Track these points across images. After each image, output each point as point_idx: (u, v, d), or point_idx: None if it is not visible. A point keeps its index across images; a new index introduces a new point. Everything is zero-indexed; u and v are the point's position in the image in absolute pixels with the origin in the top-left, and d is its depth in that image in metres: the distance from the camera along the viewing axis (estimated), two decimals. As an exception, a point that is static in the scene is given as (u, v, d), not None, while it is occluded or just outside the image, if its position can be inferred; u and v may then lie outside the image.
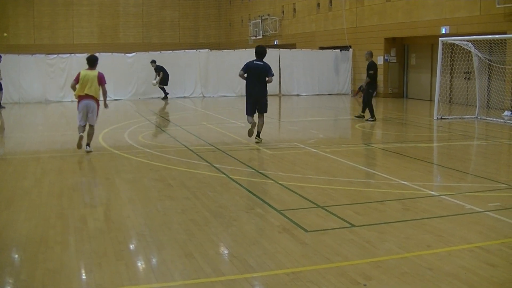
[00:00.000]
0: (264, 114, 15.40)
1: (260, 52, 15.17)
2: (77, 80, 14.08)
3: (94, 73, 14.24)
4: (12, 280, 6.18)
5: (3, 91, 26.97)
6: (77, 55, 31.33)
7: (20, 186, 10.78)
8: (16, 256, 7.00)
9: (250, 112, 15.10)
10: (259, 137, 15.24)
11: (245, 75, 15.15)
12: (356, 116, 21.02)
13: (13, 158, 13.95)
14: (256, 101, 15.05)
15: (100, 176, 11.56)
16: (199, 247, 7.01)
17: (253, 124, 14.96)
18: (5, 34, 41.61)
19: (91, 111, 14.01)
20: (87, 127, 14.11)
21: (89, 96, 13.97)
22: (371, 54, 21.04)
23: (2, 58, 27.10)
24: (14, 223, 8.33)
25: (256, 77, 14.94)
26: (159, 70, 30.22)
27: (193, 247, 6.99)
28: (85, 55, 30.87)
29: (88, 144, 14.07)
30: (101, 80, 14.26)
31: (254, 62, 15.06)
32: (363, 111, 20.72)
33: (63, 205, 9.24)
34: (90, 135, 14.19)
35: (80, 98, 14.05)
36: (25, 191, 10.27)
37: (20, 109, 27.26)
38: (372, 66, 20.41)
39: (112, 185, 10.69)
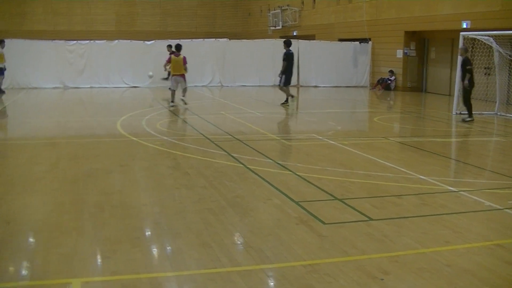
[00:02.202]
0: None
1: (291, 43, 22.25)
2: (169, 61, 22.16)
3: (180, 57, 21.05)
4: (28, 264, 6.19)
5: (4, 75, 26.99)
6: (97, 41, 31.41)
7: (35, 171, 10.80)
8: (32, 240, 7.02)
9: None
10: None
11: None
12: (465, 120, 18.99)
13: (29, 143, 13.98)
14: None
15: (116, 163, 11.54)
16: (215, 237, 6.98)
17: None
18: None
19: (181, 82, 21.19)
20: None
21: (179, 74, 20.98)
22: (466, 49, 19.64)
23: (5, 43, 27.16)
24: (30, 207, 8.36)
25: (293, 63, 21.77)
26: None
27: (209, 236, 6.97)
28: (104, 42, 31.21)
29: (184, 95, 21.52)
30: (184, 61, 21.01)
31: (291, 51, 21.33)
32: (470, 114, 18.96)
33: (78, 191, 9.25)
34: (185, 91, 21.58)
35: (174, 75, 21.14)
36: (41, 176, 10.29)
37: (37, 95, 27.35)
38: (468, 62, 19.15)
39: (129, 172, 10.70)
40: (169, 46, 29.69)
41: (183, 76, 21.12)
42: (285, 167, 11.03)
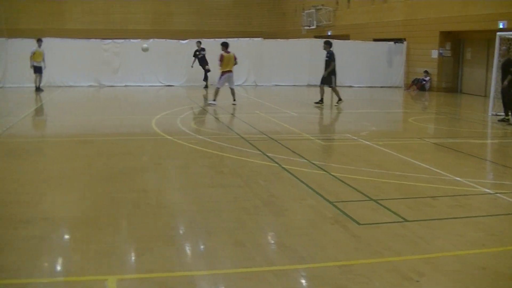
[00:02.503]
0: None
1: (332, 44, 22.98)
2: (221, 60, 21.67)
3: (231, 54, 21.90)
4: (65, 260, 6.28)
5: (42, 74, 27.34)
6: (132, 40, 31.62)
7: (72, 168, 10.94)
8: (69, 237, 7.11)
9: None
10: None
11: None
12: (501, 120, 18.65)
13: (65, 141, 14.18)
14: None
15: (152, 161, 11.65)
16: (250, 236, 7.02)
17: None
18: None
19: (230, 79, 21.97)
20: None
21: (230, 71, 21.80)
22: (507, 49, 19.35)
23: (43, 42, 27.51)
24: (68, 204, 8.48)
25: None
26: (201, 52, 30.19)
27: (244, 236, 7.00)
28: (139, 41, 31.42)
29: (234, 100, 21.85)
30: (234, 58, 21.97)
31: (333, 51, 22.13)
32: (507, 115, 18.46)
33: (114, 188, 9.35)
34: (234, 93, 22.02)
35: (224, 72, 21.66)
36: (78, 173, 10.44)
37: (73, 93, 27.63)
38: (511, 63, 18.25)
39: (164, 171, 10.80)
40: (199, 42, 29.80)
41: (232, 72, 21.96)
42: (320, 167, 11.02)
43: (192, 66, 29.74)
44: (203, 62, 29.77)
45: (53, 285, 5.71)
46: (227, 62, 21.68)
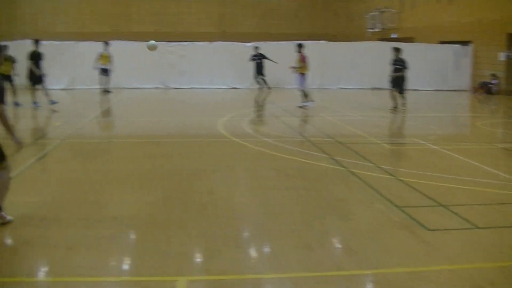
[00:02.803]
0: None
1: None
2: (306, 61, 21.69)
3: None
4: (135, 260, 6.37)
5: (109, 76, 27.79)
6: (197, 43, 31.88)
7: (141, 168, 11.11)
8: (139, 236, 7.21)
9: None
10: None
11: None
12: None
13: (134, 142, 14.40)
14: None
15: (220, 163, 11.71)
16: (318, 240, 7.00)
17: None
18: None
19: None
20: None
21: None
22: None
23: (110, 45, 27.96)
24: (136, 203, 8.62)
25: None
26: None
27: (312, 239, 6.99)
28: (205, 43, 31.68)
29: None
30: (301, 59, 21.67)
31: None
32: None
33: (183, 189, 9.47)
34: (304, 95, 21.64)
35: (304, 73, 21.96)
36: (147, 174, 10.58)
37: (140, 94, 28.03)
38: None
39: (232, 173, 10.86)
40: (256, 48, 29.81)
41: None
42: (387, 171, 10.92)
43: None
44: (259, 68, 29.82)
45: (123, 284, 5.83)
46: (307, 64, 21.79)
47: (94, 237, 7.04)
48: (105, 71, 27.47)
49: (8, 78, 21.26)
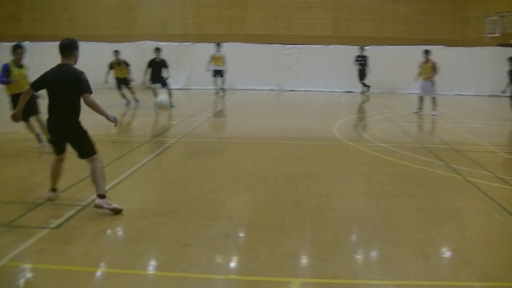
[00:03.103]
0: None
1: None
2: (435, 67, 20.87)
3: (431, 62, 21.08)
4: (249, 260, 6.45)
5: (223, 77, 28.12)
6: (313, 46, 31.93)
7: (256, 170, 11.26)
8: (253, 237, 7.29)
9: None
10: None
11: None
12: None
13: (248, 142, 14.60)
14: None
15: (335, 167, 11.70)
16: (435, 248, 6.89)
17: None
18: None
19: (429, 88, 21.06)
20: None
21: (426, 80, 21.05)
22: None
23: (222, 47, 28.34)
24: (252, 205, 8.73)
25: None
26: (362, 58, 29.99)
27: (428, 247, 6.88)
28: (320, 46, 31.68)
29: (421, 108, 21.24)
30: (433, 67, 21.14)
31: None
32: None
33: (298, 192, 9.50)
34: (435, 101, 21.10)
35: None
36: (262, 175, 10.69)
37: (254, 96, 28.35)
38: None
39: (348, 177, 10.82)
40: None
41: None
42: (506, 181, 10.57)
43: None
44: (362, 70, 29.63)
45: (236, 283, 5.93)
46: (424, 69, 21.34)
47: (210, 235, 7.19)
48: (218, 73, 27.92)
49: (123, 81, 22.10)
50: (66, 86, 7.98)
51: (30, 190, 9.07)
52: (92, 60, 28.13)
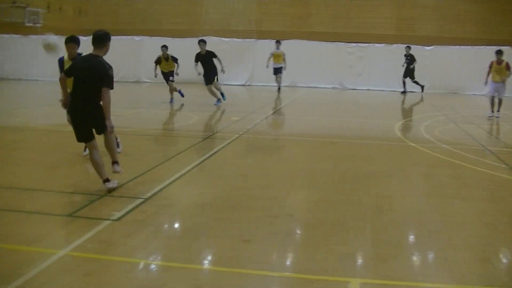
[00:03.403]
0: None
1: None
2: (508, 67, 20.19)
3: (504, 63, 20.21)
4: (308, 258, 6.42)
5: (282, 74, 28.00)
6: (376, 44, 31.71)
7: (316, 167, 11.25)
8: (312, 235, 7.26)
9: None
10: None
11: None
12: None
13: (308, 140, 14.63)
14: None
15: (395, 167, 11.60)
16: (496, 254, 6.76)
17: None
18: None
19: (501, 90, 20.28)
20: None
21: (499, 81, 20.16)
22: None
23: (281, 44, 28.22)
24: (309, 204, 8.72)
25: None
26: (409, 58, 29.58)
27: (489, 253, 6.74)
28: (383, 45, 31.44)
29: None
30: (507, 67, 20.17)
31: None
32: None
33: (357, 191, 9.43)
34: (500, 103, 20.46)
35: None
36: (322, 173, 10.68)
37: (317, 94, 28.31)
38: None
39: (408, 177, 10.74)
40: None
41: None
42: None
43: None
44: (408, 69, 29.16)
45: (294, 281, 5.89)
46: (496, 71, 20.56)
47: (270, 232, 7.18)
48: (278, 70, 27.93)
49: (167, 74, 21.85)
50: (92, 76, 8.34)
51: (93, 182, 9.20)
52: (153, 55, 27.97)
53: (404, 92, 30.06)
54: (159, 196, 8.66)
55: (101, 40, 8.55)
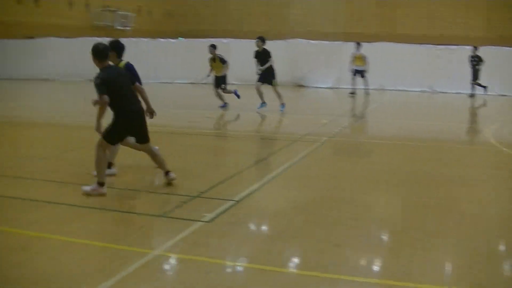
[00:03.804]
0: None
1: None
2: None
3: None
4: (396, 262, 6.32)
5: (366, 77, 27.73)
6: (466, 47, 31.10)
7: (409, 171, 11.11)
8: (402, 241, 7.06)
9: None
10: None
11: None
12: None
13: (397, 144, 14.51)
14: None
15: (485, 171, 11.34)
16: None
17: None
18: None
19: None
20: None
21: None
22: None
23: (362, 46, 27.93)
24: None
25: None
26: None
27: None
28: (472, 48, 30.78)
29: None
30: None
31: None
32: None
33: (447, 195, 9.26)
34: None
35: None
36: (410, 177, 10.53)
37: (405, 97, 28.03)
38: None
39: (497, 183, 10.48)
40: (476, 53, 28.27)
41: None
42: None
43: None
44: (474, 71, 28.22)
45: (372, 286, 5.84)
46: None
47: (362, 236, 7.16)
48: (359, 72, 27.72)
49: (219, 80, 20.62)
50: (128, 79, 9.07)
51: (184, 183, 9.35)
52: (240, 56, 27.87)
53: (471, 96, 29.10)
54: (250, 199, 8.77)
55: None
